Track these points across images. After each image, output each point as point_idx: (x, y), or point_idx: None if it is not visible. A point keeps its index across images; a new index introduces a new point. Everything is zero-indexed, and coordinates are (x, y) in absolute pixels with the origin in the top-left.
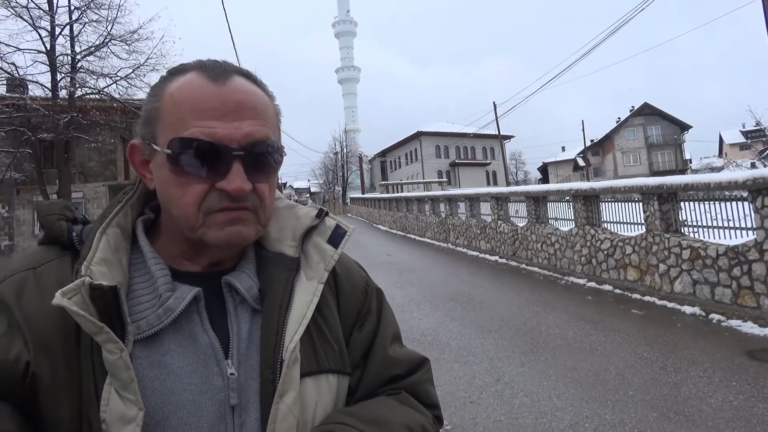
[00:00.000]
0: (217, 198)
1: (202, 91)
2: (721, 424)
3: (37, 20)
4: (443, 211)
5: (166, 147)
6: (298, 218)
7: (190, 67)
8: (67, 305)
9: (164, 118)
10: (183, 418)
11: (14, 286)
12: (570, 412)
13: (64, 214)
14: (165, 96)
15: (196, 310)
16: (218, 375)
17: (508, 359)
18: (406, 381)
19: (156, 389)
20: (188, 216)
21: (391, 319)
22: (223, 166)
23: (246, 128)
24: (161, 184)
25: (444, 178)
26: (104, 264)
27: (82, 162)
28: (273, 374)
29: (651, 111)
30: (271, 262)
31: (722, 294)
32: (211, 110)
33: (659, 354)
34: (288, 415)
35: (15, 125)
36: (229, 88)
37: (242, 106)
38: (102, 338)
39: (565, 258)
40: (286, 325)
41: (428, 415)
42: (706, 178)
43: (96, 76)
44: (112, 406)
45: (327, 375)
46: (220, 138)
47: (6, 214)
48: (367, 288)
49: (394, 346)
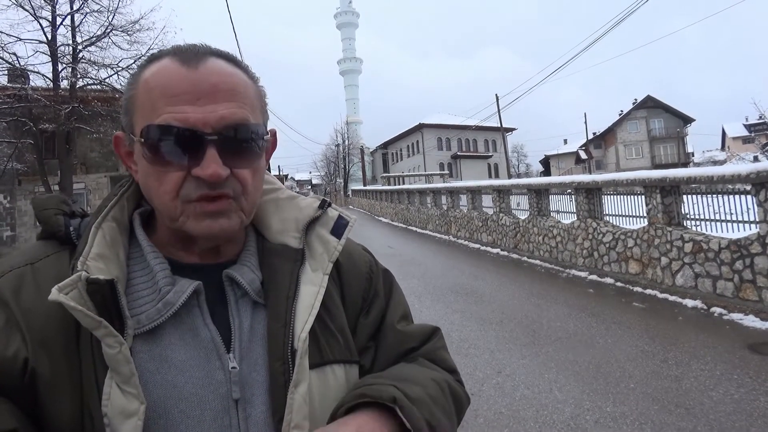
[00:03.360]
0: (195, 186)
1: (174, 75)
2: (722, 417)
3: (39, 10)
4: (445, 203)
5: (140, 136)
6: (301, 209)
7: (165, 53)
8: (64, 300)
9: (139, 106)
10: (185, 411)
11: (12, 282)
12: (571, 405)
13: (61, 208)
14: (140, 83)
15: (197, 304)
16: (220, 369)
17: (509, 351)
18: (420, 351)
19: (158, 382)
20: (167, 206)
21: (400, 299)
22: (197, 152)
23: (221, 111)
24: (142, 175)
25: (446, 170)
26: (100, 259)
27: (84, 153)
28: (283, 365)
29: (654, 104)
30: (274, 253)
31: (724, 287)
32: (183, 94)
33: (660, 347)
34: (303, 405)
35: (16, 116)
36: (203, 70)
37: (217, 88)
38: (101, 333)
39: (566, 251)
40: (295, 316)
41: (449, 376)
42: (709, 171)
43: (97, 66)
44: (113, 400)
45: (332, 366)
46: (192, 123)
47: (8, 204)
48: (371, 273)
49: (404, 323)
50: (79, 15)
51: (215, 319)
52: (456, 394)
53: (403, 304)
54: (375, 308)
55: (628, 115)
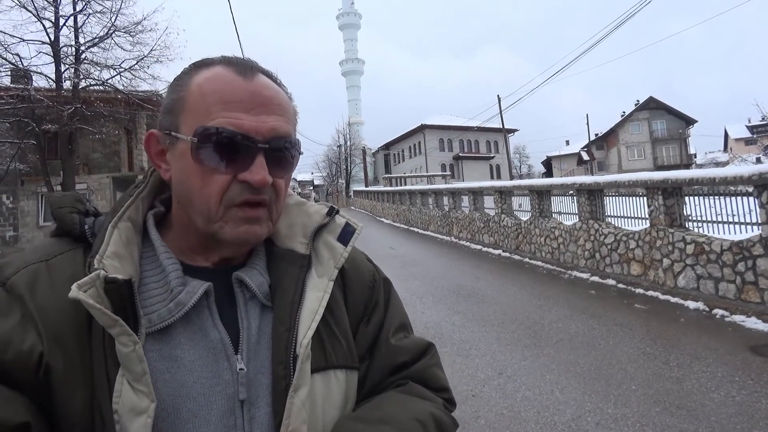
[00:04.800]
0: (239, 190)
1: (231, 83)
2: (724, 419)
3: (42, 11)
4: (446, 204)
5: (192, 135)
6: (309, 215)
7: (216, 61)
8: (83, 298)
9: (189, 107)
10: (193, 410)
11: (27, 278)
12: (572, 406)
13: (76, 206)
14: (191, 86)
15: (207, 305)
16: (228, 370)
17: (510, 353)
18: (412, 368)
19: (167, 381)
20: (209, 207)
21: (398, 309)
22: (247, 158)
23: (272, 122)
24: (181, 174)
25: (447, 171)
26: (116, 258)
27: (86, 153)
28: (285, 370)
29: (656, 105)
30: (281, 258)
31: (726, 289)
32: (239, 102)
33: (662, 349)
34: (301, 410)
35: (19, 116)
36: (257, 83)
37: (269, 101)
38: (116, 331)
39: (568, 252)
40: (299, 322)
41: (437, 401)
42: (711, 172)
43: (100, 67)
44: (124, 397)
45: (336, 371)
46: (246, 129)
47: (11, 205)
48: (374, 282)
49: (399, 335)
50: (82, 16)
51: (224, 320)
52: (441, 427)
53: (400, 314)
54: (375, 318)
55: (631, 116)
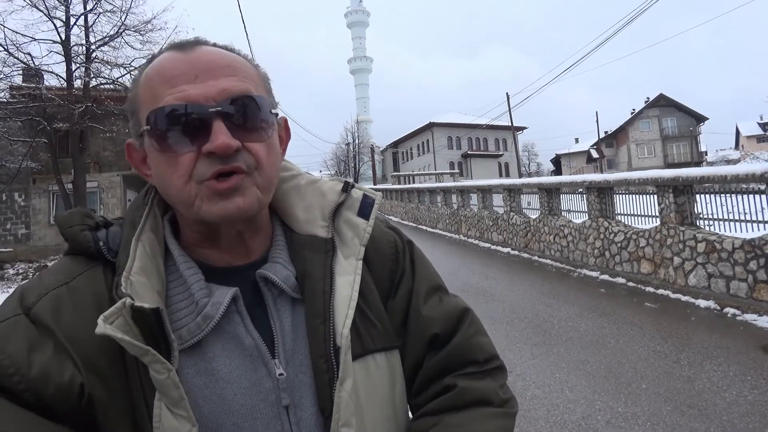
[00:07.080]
0: (208, 163)
1: (171, 61)
2: (736, 419)
3: (53, 10)
4: (455, 202)
5: (146, 124)
6: (324, 195)
7: (163, 50)
8: (111, 333)
9: (141, 100)
10: (237, 423)
11: (51, 305)
12: (582, 405)
13: (86, 223)
14: (141, 80)
15: (236, 310)
16: (267, 376)
17: (519, 351)
18: (453, 343)
19: (207, 397)
20: (181, 191)
21: (426, 271)
22: (204, 129)
23: (222, 84)
24: (155, 170)
25: (456, 169)
26: (143, 273)
27: (97, 152)
28: (326, 363)
29: (666, 102)
30: (304, 246)
31: (737, 288)
32: (180, 75)
33: (673, 347)
34: (349, 403)
35: (31, 115)
36: (198, 52)
37: (214, 64)
38: (148, 359)
39: (578, 250)
40: (334, 311)
41: (494, 399)
42: (723, 170)
43: (110, 66)
44: (164, 422)
45: (374, 356)
46: (194, 99)
47: (23, 203)
48: (396, 252)
49: (433, 300)
50: (92, 15)
51: (255, 322)
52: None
53: (429, 276)
54: (402, 287)
55: (641, 113)
